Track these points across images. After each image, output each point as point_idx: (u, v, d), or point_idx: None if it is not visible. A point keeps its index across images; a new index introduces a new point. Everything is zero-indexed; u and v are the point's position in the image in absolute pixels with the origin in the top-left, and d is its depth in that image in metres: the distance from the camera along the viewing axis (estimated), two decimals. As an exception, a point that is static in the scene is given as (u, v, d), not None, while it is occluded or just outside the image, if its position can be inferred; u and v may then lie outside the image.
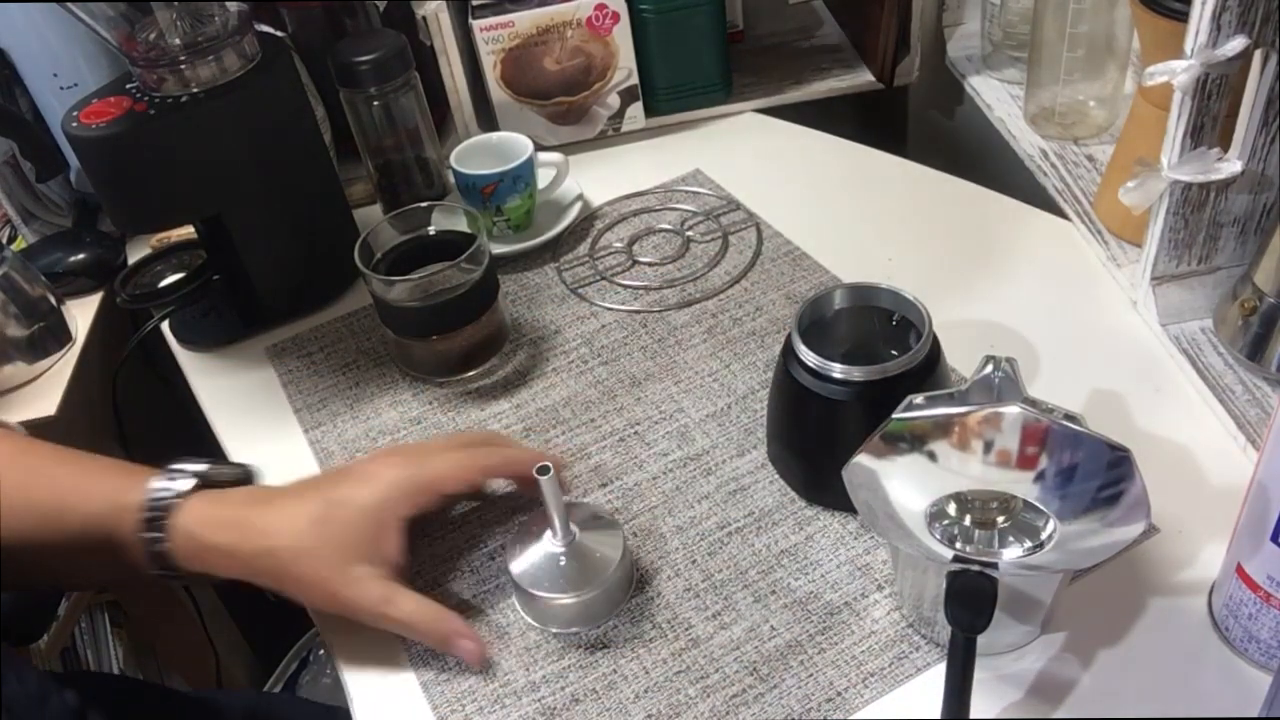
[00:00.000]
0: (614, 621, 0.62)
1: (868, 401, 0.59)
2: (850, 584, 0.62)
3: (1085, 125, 0.91)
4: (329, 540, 0.58)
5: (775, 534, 0.65)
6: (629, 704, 0.58)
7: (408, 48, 0.90)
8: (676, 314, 0.83)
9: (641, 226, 0.92)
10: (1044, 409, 0.46)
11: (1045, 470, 0.47)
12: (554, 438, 0.74)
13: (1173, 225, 0.69)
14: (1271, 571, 0.50)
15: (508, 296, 0.87)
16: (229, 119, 0.76)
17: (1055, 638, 0.57)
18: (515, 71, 0.97)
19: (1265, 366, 0.67)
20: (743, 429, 0.72)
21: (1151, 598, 0.58)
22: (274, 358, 0.85)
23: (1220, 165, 0.65)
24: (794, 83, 1.05)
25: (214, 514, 0.60)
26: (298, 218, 0.84)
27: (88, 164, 0.77)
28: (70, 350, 0.92)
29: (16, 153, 0.97)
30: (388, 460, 0.63)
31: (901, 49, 1.00)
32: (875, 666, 0.57)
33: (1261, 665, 0.54)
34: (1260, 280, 0.66)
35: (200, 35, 0.74)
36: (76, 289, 0.97)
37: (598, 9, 0.93)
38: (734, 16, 1.10)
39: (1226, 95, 0.63)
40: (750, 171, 0.96)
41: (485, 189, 0.87)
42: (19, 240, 1.03)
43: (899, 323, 0.64)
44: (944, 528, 0.52)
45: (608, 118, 1.01)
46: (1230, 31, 0.60)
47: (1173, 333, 0.72)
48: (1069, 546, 0.49)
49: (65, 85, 0.95)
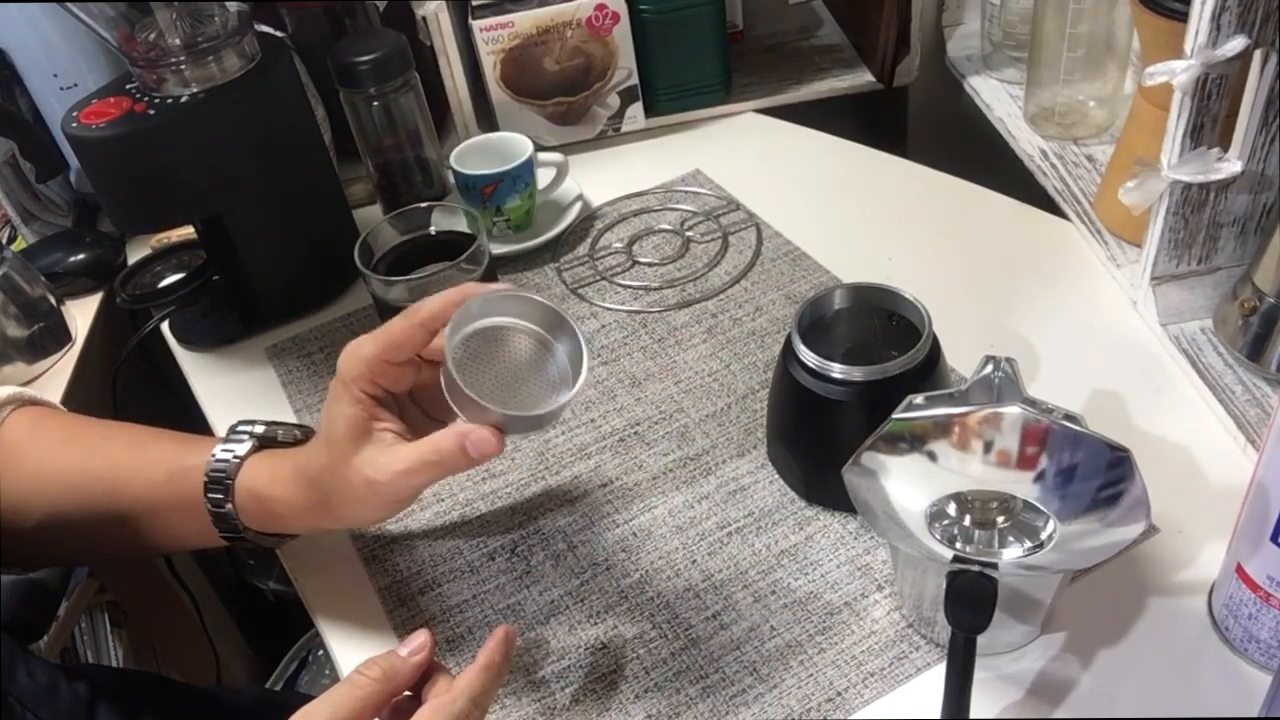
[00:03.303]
0: (614, 621, 0.62)
1: (868, 401, 0.59)
2: (850, 584, 0.62)
3: (1085, 125, 0.91)
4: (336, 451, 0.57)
5: (775, 534, 0.65)
6: (629, 704, 0.58)
7: (408, 48, 0.90)
8: (676, 314, 0.83)
9: (641, 226, 0.92)
10: (1044, 409, 0.46)
11: (1045, 470, 0.47)
12: (554, 438, 0.74)
13: (1173, 225, 0.69)
14: (1271, 571, 0.50)
15: (508, 296, 0.86)
16: (229, 119, 0.76)
17: (1055, 638, 0.57)
18: (515, 71, 0.97)
19: (1265, 366, 0.67)
20: (743, 429, 0.72)
21: (1151, 598, 0.58)
22: (274, 358, 0.85)
23: (1220, 165, 0.65)
24: (794, 83, 1.05)
25: (273, 467, 0.61)
26: (298, 218, 0.84)
27: (88, 164, 0.77)
28: (70, 350, 0.92)
29: (16, 153, 0.97)
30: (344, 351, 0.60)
31: (901, 49, 1.00)
32: (875, 666, 0.57)
33: (1261, 665, 0.54)
34: (1260, 280, 0.66)
35: (200, 35, 0.74)
36: (76, 289, 0.97)
37: (598, 9, 0.93)
38: (734, 16, 1.10)
39: (1226, 95, 0.63)
40: (750, 171, 0.96)
41: (485, 189, 0.87)
42: (19, 240, 1.03)
43: (899, 323, 0.64)
44: (944, 528, 0.52)
45: (608, 118, 1.01)
46: (1230, 31, 0.60)
47: (1173, 333, 0.72)
48: (1069, 546, 0.49)
49: (65, 85, 0.95)
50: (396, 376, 0.57)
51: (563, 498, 0.69)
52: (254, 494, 0.60)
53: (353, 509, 0.59)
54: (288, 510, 0.60)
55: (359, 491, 0.56)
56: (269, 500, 0.60)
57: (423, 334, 0.56)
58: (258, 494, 0.60)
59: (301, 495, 0.59)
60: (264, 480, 0.60)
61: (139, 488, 0.62)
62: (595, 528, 0.67)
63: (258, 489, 0.60)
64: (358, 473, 0.56)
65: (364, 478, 0.56)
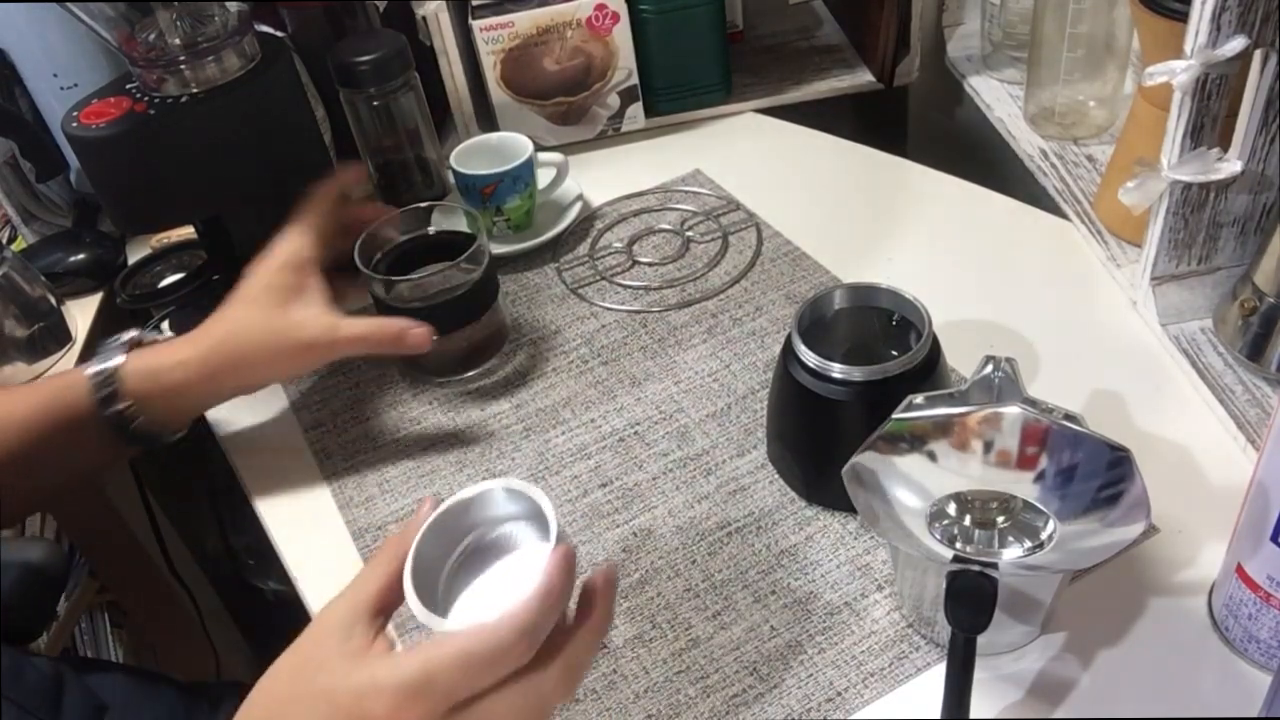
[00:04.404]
0: (614, 621, 0.62)
1: (868, 401, 0.59)
2: (850, 584, 0.62)
3: (1085, 125, 0.91)
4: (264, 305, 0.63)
5: (775, 534, 0.65)
6: (629, 704, 0.58)
7: (408, 48, 0.90)
8: (676, 314, 0.83)
9: (641, 227, 0.92)
10: (1044, 409, 0.46)
11: (1045, 470, 0.47)
12: (554, 438, 0.74)
13: (1173, 225, 0.69)
14: (1271, 571, 0.50)
15: (508, 296, 0.87)
16: (229, 119, 0.76)
17: (1055, 638, 0.57)
18: (515, 71, 0.97)
19: (1265, 366, 0.67)
20: (743, 429, 0.72)
21: (1151, 598, 0.58)
22: (274, 358, 0.85)
23: (1220, 165, 0.65)
24: (794, 83, 1.05)
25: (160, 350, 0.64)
26: (298, 218, 0.84)
27: (88, 164, 0.76)
28: (70, 350, 0.92)
29: (16, 153, 0.97)
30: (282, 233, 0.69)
31: (901, 49, 1.00)
32: (875, 666, 0.57)
33: (1261, 665, 0.54)
34: (1260, 280, 0.66)
35: (200, 35, 0.74)
36: (76, 289, 0.97)
37: (598, 9, 0.93)
38: (734, 16, 1.10)
39: (1226, 95, 0.63)
40: (750, 171, 0.96)
41: (485, 189, 0.87)
42: (19, 240, 1.03)
43: (899, 323, 0.64)
44: (944, 528, 0.52)
45: (608, 118, 1.01)
46: (1230, 31, 0.60)
47: (1173, 333, 0.72)
48: (1069, 546, 0.49)
49: (65, 85, 0.95)
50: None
51: (563, 497, 0.69)
52: (149, 372, 0.62)
53: (271, 368, 0.63)
54: (188, 376, 0.62)
55: (288, 347, 0.60)
56: (166, 370, 0.62)
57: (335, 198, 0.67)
58: (153, 370, 0.62)
59: (206, 357, 0.61)
60: (159, 358, 0.62)
61: (22, 416, 0.62)
62: (595, 528, 0.67)
63: (152, 366, 0.62)
64: (294, 329, 0.59)
65: (302, 336, 0.60)
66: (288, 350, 0.62)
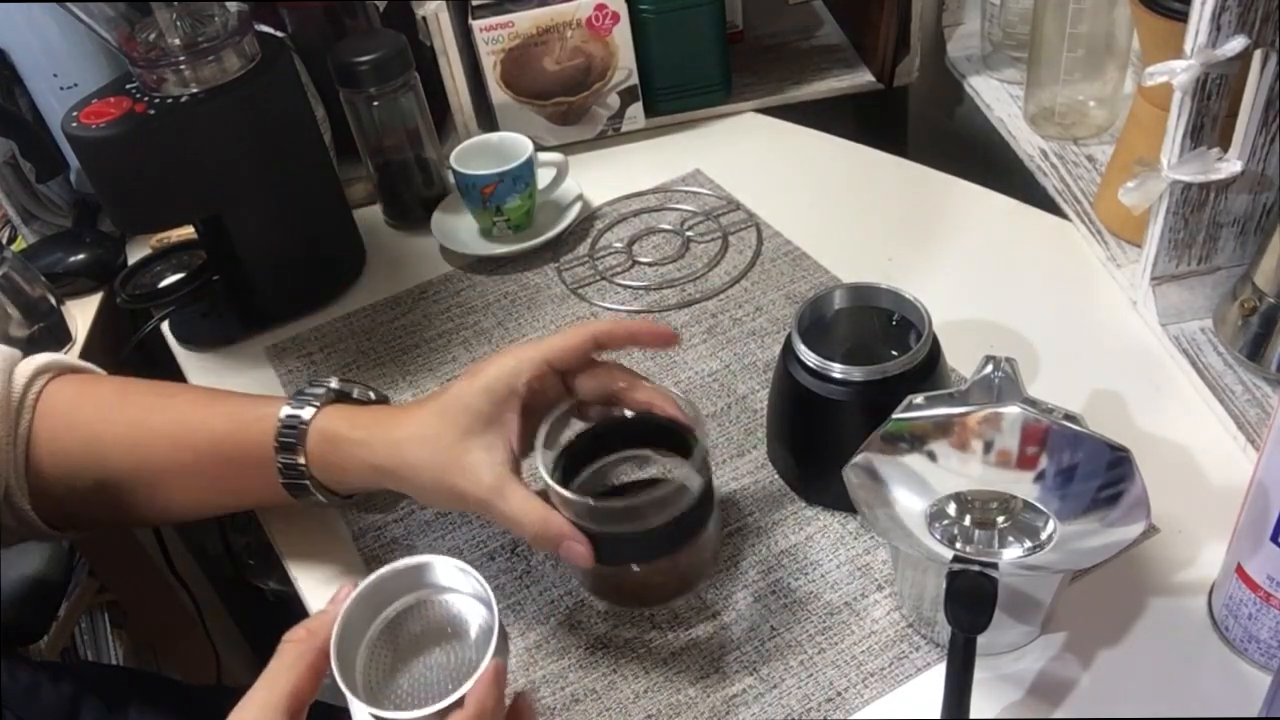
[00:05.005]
0: (614, 621, 0.62)
1: (868, 401, 0.59)
2: (850, 584, 0.62)
3: (1085, 125, 0.91)
4: (449, 424, 0.57)
5: (775, 534, 0.65)
6: (629, 704, 0.58)
7: (408, 48, 0.90)
8: (676, 314, 0.83)
9: (641, 226, 0.92)
10: (1044, 409, 0.46)
11: (1045, 470, 0.47)
12: (554, 438, 0.74)
13: (1172, 225, 0.69)
14: (1271, 571, 0.50)
15: (508, 298, 0.87)
16: (229, 119, 0.76)
17: (1055, 638, 0.57)
18: (515, 72, 0.97)
19: (1265, 366, 0.67)
20: (743, 429, 0.72)
21: (1151, 598, 0.58)
22: (274, 358, 0.85)
23: (1220, 165, 0.65)
24: (794, 83, 1.05)
25: (351, 415, 0.61)
26: (298, 218, 0.84)
27: (88, 164, 0.77)
28: (70, 350, 0.92)
29: (16, 153, 0.97)
30: (499, 351, 0.62)
31: (901, 49, 1.00)
32: (875, 666, 0.57)
33: (1261, 665, 0.54)
34: (1260, 280, 0.66)
35: (200, 35, 0.74)
36: (76, 289, 0.97)
37: (598, 9, 0.93)
38: (734, 16, 1.10)
39: (1226, 95, 0.63)
40: (750, 171, 0.96)
41: (485, 189, 0.87)
42: (19, 240, 1.03)
43: (899, 323, 0.64)
44: (944, 528, 0.52)
45: (608, 118, 1.01)
46: (1230, 31, 0.60)
47: (1172, 333, 0.72)
48: (1069, 546, 0.49)
49: (65, 85, 0.95)
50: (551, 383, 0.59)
51: (563, 498, 0.69)
52: (329, 435, 0.60)
53: (426, 496, 0.60)
54: (359, 459, 0.59)
55: (445, 487, 0.56)
56: (343, 443, 0.60)
57: (592, 346, 0.58)
58: (333, 435, 0.60)
59: (380, 449, 0.59)
60: (343, 425, 0.60)
61: (203, 439, 0.62)
62: (595, 528, 0.67)
63: (335, 431, 0.60)
64: (457, 473, 0.56)
65: (462, 485, 0.56)
66: (445, 490, 0.57)
